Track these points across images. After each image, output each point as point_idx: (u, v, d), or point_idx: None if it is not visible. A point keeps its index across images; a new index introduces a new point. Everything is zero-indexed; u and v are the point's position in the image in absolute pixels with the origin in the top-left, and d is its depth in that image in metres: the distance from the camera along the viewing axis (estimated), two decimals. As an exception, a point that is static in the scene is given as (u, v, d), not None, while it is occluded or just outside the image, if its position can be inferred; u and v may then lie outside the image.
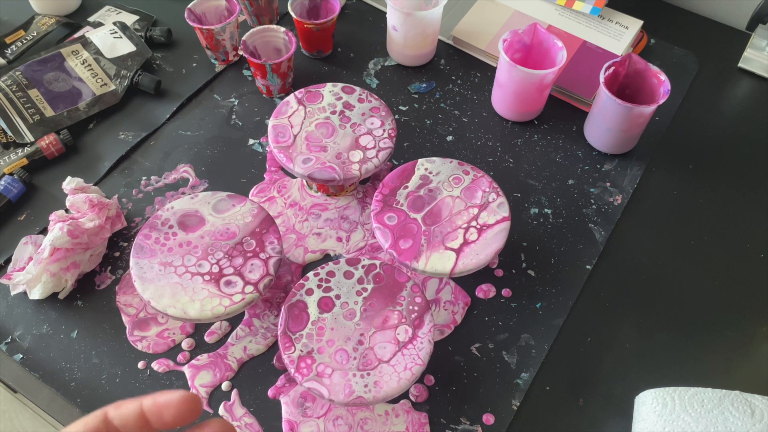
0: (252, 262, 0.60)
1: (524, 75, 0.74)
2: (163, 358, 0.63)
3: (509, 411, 0.61)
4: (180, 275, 0.59)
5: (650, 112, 0.72)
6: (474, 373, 0.63)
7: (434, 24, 0.81)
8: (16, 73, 0.80)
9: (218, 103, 0.82)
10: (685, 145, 0.80)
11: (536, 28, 0.77)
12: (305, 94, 0.72)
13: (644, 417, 0.57)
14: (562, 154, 0.78)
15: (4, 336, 0.64)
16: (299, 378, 0.54)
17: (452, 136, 0.80)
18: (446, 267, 0.60)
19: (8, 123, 0.76)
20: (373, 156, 0.67)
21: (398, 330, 0.57)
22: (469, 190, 0.65)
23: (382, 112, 0.71)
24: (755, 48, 0.87)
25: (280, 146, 0.68)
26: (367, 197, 0.74)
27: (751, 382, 0.63)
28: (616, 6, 0.89)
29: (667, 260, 0.71)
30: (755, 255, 0.71)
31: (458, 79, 0.85)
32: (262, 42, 0.81)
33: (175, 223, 0.62)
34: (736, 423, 0.54)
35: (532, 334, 0.65)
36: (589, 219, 0.73)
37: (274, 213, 0.72)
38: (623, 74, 0.76)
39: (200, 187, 0.75)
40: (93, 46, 0.83)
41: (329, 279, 0.59)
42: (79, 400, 0.61)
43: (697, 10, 0.94)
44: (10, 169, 0.74)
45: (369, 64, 0.86)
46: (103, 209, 0.68)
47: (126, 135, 0.79)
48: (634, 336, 0.66)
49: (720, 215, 0.74)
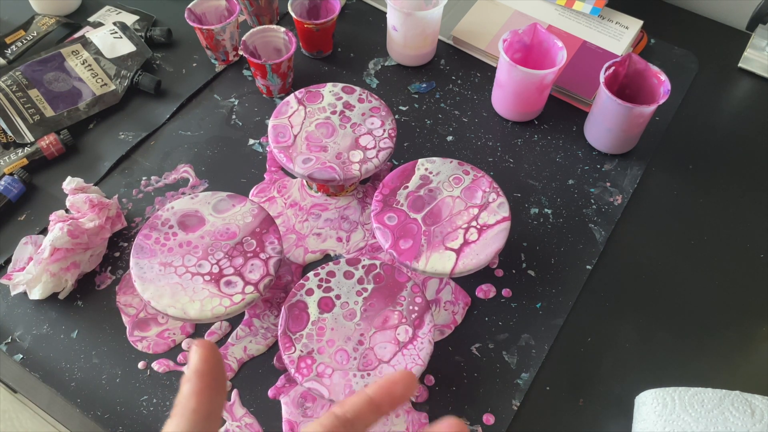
0: (252, 262, 0.60)
1: (524, 75, 0.74)
2: (163, 359, 0.63)
3: (509, 411, 0.61)
4: (180, 275, 0.59)
5: (650, 112, 0.72)
6: (474, 373, 0.63)
7: (434, 24, 0.81)
8: (16, 73, 0.80)
9: (218, 103, 0.82)
10: (685, 145, 0.80)
11: (536, 28, 0.77)
12: (305, 94, 0.72)
13: (644, 417, 0.57)
14: (562, 154, 0.78)
15: (4, 336, 0.64)
16: (299, 378, 0.54)
17: (452, 136, 0.80)
18: (446, 267, 0.60)
19: (8, 123, 0.76)
20: (373, 156, 0.67)
21: (398, 330, 0.57)
22: (469, 190, 0.65)
23: (382, 112, 0.71)
24: (755, 48, 0.87)
25: (280, 146, 0.68)
26: (367, 197, 0.74)
27: (751, 382, 0.63)
28: (616, 6, 0.89)
29: (667, 260, 0.71)
30: (755, 255, 0.71)
31: (458, 79, 0.85)
32: (262, 42, 0.81)
33: (175, 223, 0.62)
34: (736, 423, 0.54)
35: (532, 334, 0.65)
36: (589, 219, 0.73)
37: (274, 213, 0.72)
38: (623, 74, 0.76)
39: (200, 187, 0.75)
40: (93, 46, 0.83)
41: (329, 279, 0.59)
42: (79, 400, 0.61)
43: (697, 10, 0.94)
44: (10, 169, 0.74)
45: (369, 64, 0.86)
46: (103, 209, 0.68)
47: (126, 135, 0.79)
48: (634, 336, 0.66)
49: (720, 215, 0.74)
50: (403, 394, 0.30)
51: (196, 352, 0.29)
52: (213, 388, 0.29)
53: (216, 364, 0.29)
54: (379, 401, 0.29)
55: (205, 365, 0.29)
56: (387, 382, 0.30)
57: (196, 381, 0.29)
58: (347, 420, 0.29)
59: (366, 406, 0.29)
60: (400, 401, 0.30)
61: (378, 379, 0.30)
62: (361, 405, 0.29)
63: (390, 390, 0.30)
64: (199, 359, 0.29)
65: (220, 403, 0.29)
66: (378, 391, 0.30)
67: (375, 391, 0.30)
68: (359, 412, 0.29)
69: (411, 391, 0.30)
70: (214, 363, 0.29)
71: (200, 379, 0.29)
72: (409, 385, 0.30)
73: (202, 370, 0.29)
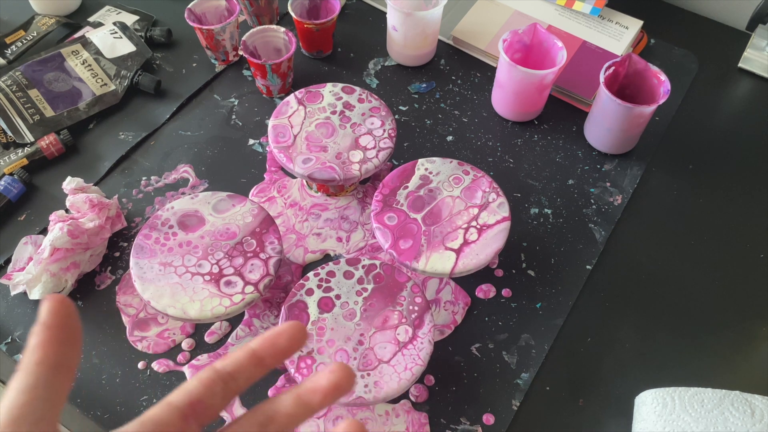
0: (252, 262, 0.60)
1: (524, 75, 0.74)
2: (163, 359, 0.63)
3: (509, 411, 0.61)
4: (180, 275, 0.59)
5: (650, 112, 0.72)
6: (474, 373, 0.63)
7: (434, 24, 0.81)
8: (16, 73, 0.80)
9: (218, 103, 0.82)
10: (685, 145, 0.80)
11: (536, 28, 0.77)
12: (305, 94, 0.72)
13: (644, 417, 0.57)
14: (562, 154, 0.78)
15: (4, 336, 0.64)
16: (299, 378, 0.54)
17: (452, 136, 0.80)
18: (446, 267, 0.60)
19: (8, 123, 0.76)
20: (373, 156, 0.67)
21: (398, 330, 0.57)
22: (469, 190, 0.65)
23: (382, 112, 0.71)
24: (755, 48, 0.87)
25: (280, 146, 0.68)
26: (367, 197, 0.74)
27: (751, 382, 0.63)
28: (616, 6, 0.89)
29: (667, 260, 0.71)
30: (755, 255, 0.71)
31: (458, 79, 0.85)
32: (262, 42, 0.81)
33: (175, 223, 0.62)
34: (736, 423, 0.54)
35: (532, 334, 0.65)
36: (589, 219, 0.73)
37: (274, 213, 0.72)
38: (623, 74, 0.76)
39: (200, 187, 0.75)
40: (93, 46, 0.83)
41: (329, 279, 0.59)
42: (79, 400, 0.61)
43: (697, 10, 0.94)
44: (10, 169, 0.74)
45: (369, 64, 0.86)
46: (103, 209, 0.68)
47: (126, 135, 0.79)
48: (634, 336, 0.66)
49: (720, 215, 0.74)
50: (288, 346, 0.28)
51: (45, 305, 0.28)
52: (61, 341, 0.27)
53: (66, 317, 0.28)
54: (262, 354, 0.28)
55: (52, 318, 0.27)
56: (271, 333, 0.29)
57: (42, 333, 0.27)
58: (227, 374, 0.28)
59: (247, 359, 0.28)
60: (285, 354, 0.29)
61: (263, 333, 0.29)
62: (242, 358, 0.28)
63: (274, 342, 0.28)
64: (47, 312, 0.27)
65: (70, 356, 0.28)
66: (261, 343, 0.28)
67: (258, 343, 0.28)
68: (240, 365, 0.28)
69: (297, 343, 0.29)
70: (64, 316, 0.28)
71: (46, 331, 0.27)
72: (294, 337, 0.28)
73: (49, 323, 0.27)
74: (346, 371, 0.28)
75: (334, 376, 0.28)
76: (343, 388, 0.28)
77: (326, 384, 0.28)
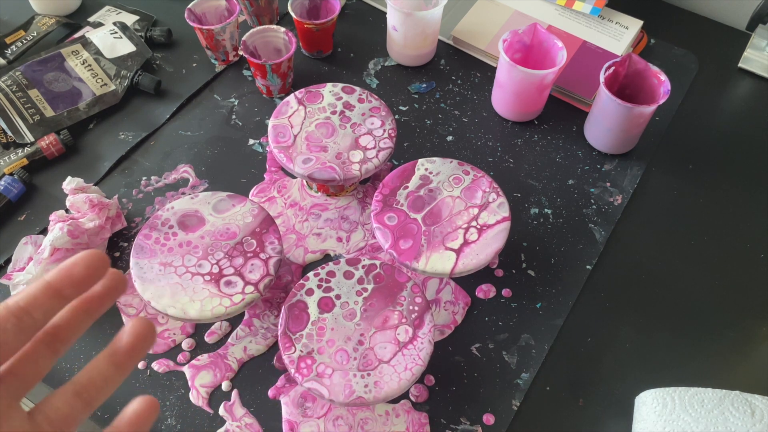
0: (252, 262, 0.60)
1: (524, 75, 0.74)
2: (163, 359, 0.63)
3: (509, 411, 0.61)
4: (180, 275, 0.59)
5: (650, 112, 0.72)
6: (474, 373, 0.63)
7: (434, 24, 0.81)
8: (16, 73, 0.80)
9: (218, 103, 0.82)
10: (685, 145, 0.80)
11: (536, 28, 0.77)
12: (305, 94, 0.72)
13: (644, 417, 0.57)
14: (562, 154, 0.78)
15: (4, 336, 0.64)
16: (299, 378, 0.54)
17: (452, 136, 0.80)
18: (446, 267, 0.60)
19: (8, 123, 0.76)
20: (373, 156, 0.67)
21: (398, 330, 0.57)
22: (469, 190, 0.65)
23: (382, 112, 0.71)
24: (755, 48, 0.87)
25: (280, 146, 0.68)
26: (367, 197, 0.74)
27: (751, 382, 0.63)
28: (616, 6, 0.89)
29: (667, 260, 0.71)
30: (755, 255, 0.71)
31: (458, 79, 0.85)
32: (262, 42, 0.81)
33: (175, 223, 0.62)
34: (736, 423, 0.54)
35: (532, 334, 0.65)
36: (589, 219, 0.73)
37: (274, 213, 0.72)
38: (623, 74, 0.76)
39: (200, 187, 0.75)
40: (93, 46, 0.83)
41: (329, 279, 0.59)
42: (79, 400, 0.61)
43: (697, 10, 0.94)
44: (10, 169, 0.74)
45: (369, 64, 0.86)
46: (103, 209, 0.68)
47: (126, 135, 0.79)
48: (634, 336, 0.66)
49: (720, 215, 0.74)
50: (86, 275, 0.27)
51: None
52: None
53: None
54: (58, 286, 0.27)
55: None
56: (66, 263, 0.27)
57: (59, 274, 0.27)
58: (20, 308, 0.26)
59: (43, 293, 0.27)
60: (83, 283, 0.27)
61: None
62: (36, 292, 0.26)
63: (69, 272, 0.27)
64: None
65: None
66: (57, 274, 0.27)
67: (53, 275, 0.27)
68: (35, 299, 0.26)
69: (96, 271, 0.27)
70: None
71: None
72: (92, 265, 0.27)
73: None
74: (142, 321, 0.29)
75: (134, 331, 0.29)
76: (148, 339, 0.29)
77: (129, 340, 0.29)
